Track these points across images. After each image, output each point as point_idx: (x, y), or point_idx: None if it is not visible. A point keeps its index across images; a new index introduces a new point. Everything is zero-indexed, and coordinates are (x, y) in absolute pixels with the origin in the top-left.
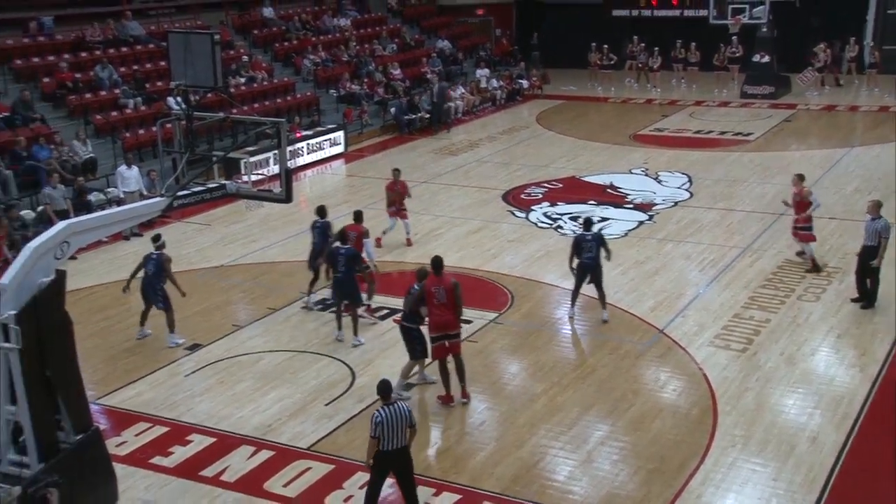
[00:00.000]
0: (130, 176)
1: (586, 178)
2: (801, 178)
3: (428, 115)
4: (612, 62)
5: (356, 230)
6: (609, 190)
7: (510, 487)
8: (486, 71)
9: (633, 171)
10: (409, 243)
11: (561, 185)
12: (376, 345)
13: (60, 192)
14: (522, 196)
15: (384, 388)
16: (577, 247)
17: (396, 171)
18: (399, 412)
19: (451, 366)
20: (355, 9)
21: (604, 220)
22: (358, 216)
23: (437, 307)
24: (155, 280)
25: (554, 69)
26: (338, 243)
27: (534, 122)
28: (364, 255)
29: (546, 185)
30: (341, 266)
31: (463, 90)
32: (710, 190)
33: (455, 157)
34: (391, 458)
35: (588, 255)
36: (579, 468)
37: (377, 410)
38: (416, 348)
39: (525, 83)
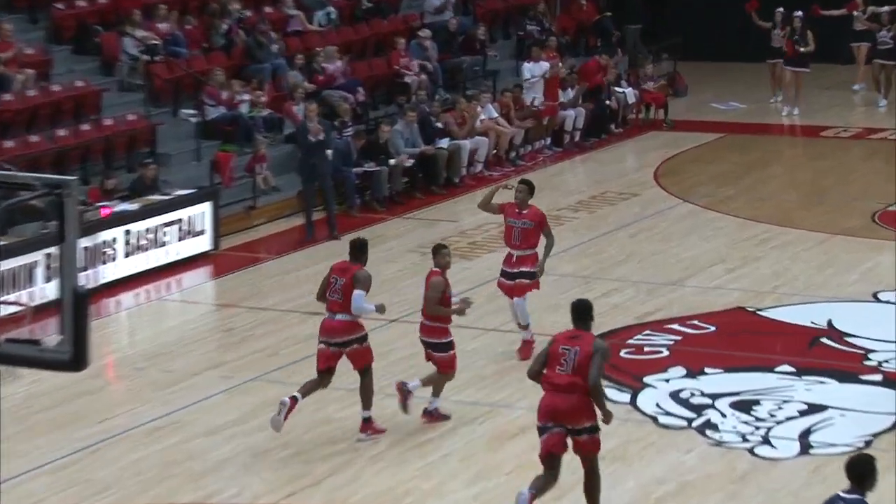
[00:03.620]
0: None
1: (768, 312)
2: None
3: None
4: (807, 48)
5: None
6: (825, 339)
7: None
8: (543, 66)
9: (879, 295)
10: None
11: (711, 328)
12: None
13: None
14: (622, 354)
15: None
16: None
17: (523, 190)
18: None
19: None
20: None
21: (808, 410)
22: (360, 249)
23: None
24: None
25: (696, 64)
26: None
27: (648, 180)
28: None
29: (673, 328)
30: None
31: (493, 112)
32: None
33: (468, 264)
34: None
35: None
36: None
37: None
38: None
39: (628, 93)
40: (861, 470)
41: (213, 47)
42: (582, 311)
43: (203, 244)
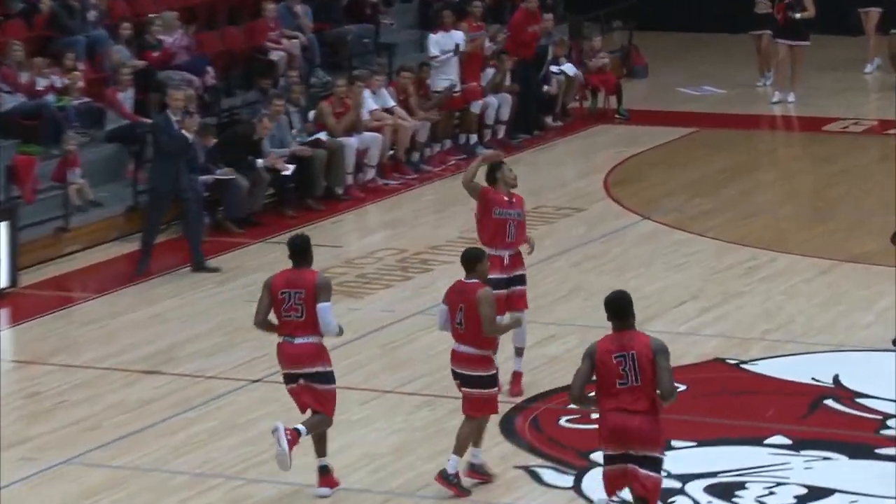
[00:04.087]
0: None
1: (756, 365)
2: None
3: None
4: (805, 14)
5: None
6: (830, 401)
7: None
8: (456, 37)
9: None
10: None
11: (680, 388)
12: None
13: None
14: (563, 423)
15: None
16: None
17: (501, 176)
18: None
19: None
20: None
21: (809, 495)
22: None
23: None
24: None
25: (658, 35)
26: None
27: (597, 190)
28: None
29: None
30: None
31: (389, 100)
32: None
33: (355, 304)
34: None
35: None
36: None
37: None
38: None
39: (567, 68)
40: None
41: (8, 14)
42: (621, 307)
43: None
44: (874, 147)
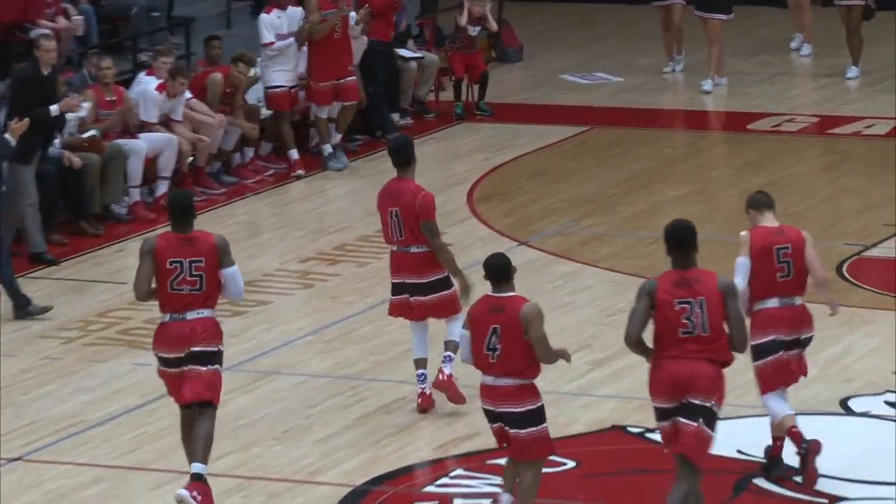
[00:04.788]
0: None
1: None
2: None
3: None
4: None
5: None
6: (760, 482)
7: None
8: (296, 16)
9: (850, 402)
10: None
11: (568, 464)
12: None
13: None
14: None
15: None
16: None
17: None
18: None
19: None
20: None
21: None
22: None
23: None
24: None
25: (536, 6)
26: None
27: (458, 209)
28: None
29: (503, 464)
30: None
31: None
32: None
33: (141, 357)
34: None
35: None
36: None
37: None
38: None
39: (429, 57)
40: None
41: None
42: (685, 238)
43: None
44: (813, 151)
